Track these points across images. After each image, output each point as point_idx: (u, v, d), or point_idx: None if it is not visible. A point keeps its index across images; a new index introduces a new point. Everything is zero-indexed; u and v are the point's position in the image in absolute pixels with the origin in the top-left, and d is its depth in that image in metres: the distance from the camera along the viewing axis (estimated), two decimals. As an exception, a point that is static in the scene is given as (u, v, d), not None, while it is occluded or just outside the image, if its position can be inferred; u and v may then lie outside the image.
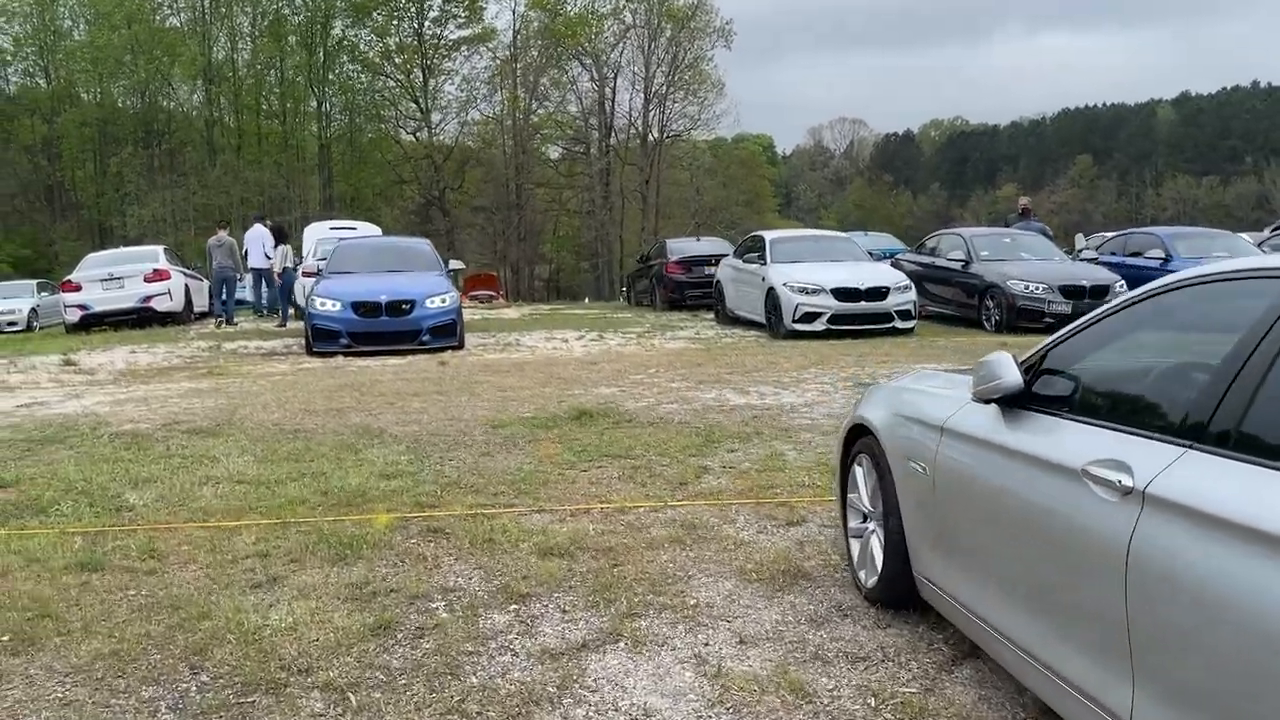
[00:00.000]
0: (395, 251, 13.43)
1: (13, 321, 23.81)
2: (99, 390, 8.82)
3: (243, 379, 9.40)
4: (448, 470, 5.56)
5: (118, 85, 64.59)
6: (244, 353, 12.14)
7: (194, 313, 17.41)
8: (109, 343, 13.31)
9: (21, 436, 6.47)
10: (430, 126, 62.93)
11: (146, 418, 7.14)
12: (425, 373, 9.47)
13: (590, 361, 10.15)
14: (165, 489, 5.14)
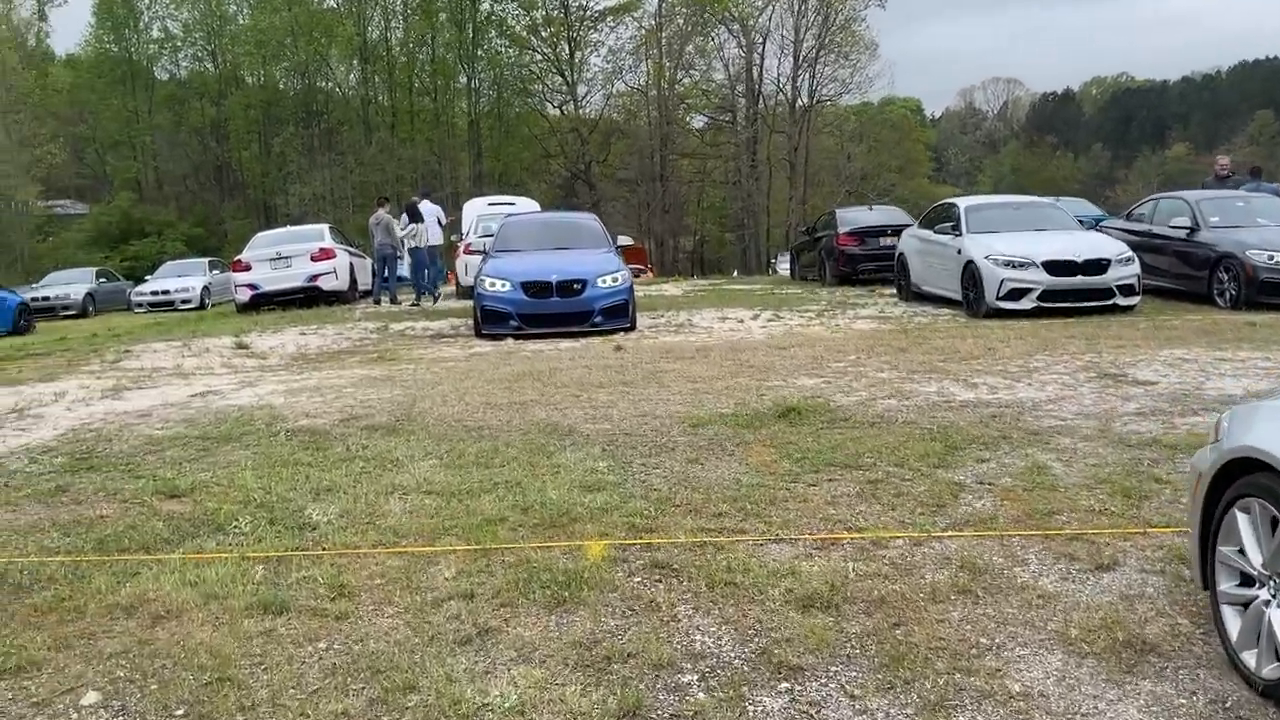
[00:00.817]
0: (563, 227, 12.86)
1: (187, 299, 24.59)
2: (272, 377, 8.52)
3: (415, 365, 8.96)
4: (655, 481, 4.84)
5: (279, 67, 66.88)
6: (412, 335, 11.81)
7: (358, 291, 17.39)
8: (279, 324, 13.25)
9: (197, 433, 6.10)
10: (576, 100, 62.87)
11: (322, 411, 6.70)
12: (603, 358, 8.82)
13: (778, 346, 9.30)
14: (349, 501, 4.60)
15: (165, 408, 7.07)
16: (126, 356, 10.43)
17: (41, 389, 8.25)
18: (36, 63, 73.74)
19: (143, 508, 4.58)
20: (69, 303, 25.29)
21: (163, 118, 68.42)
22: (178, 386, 8.15)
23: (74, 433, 6.31)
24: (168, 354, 10.51)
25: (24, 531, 4.27)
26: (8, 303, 18.21)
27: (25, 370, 9.68)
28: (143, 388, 8.14)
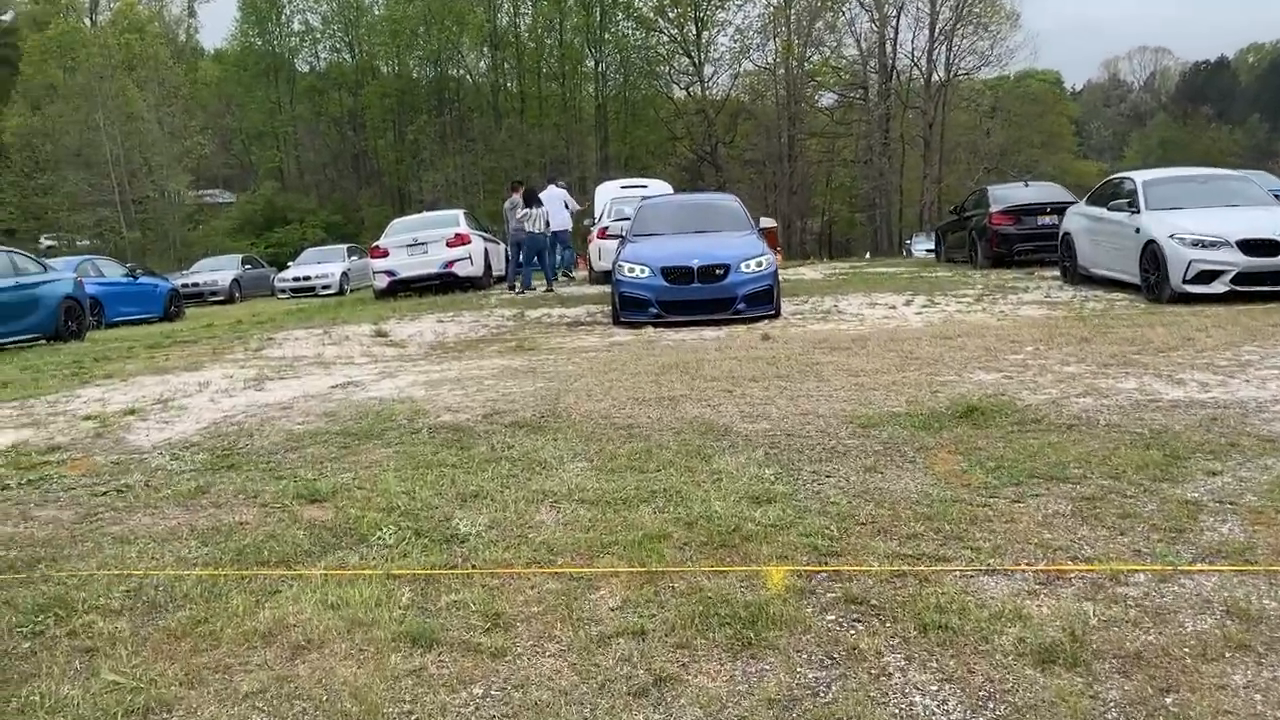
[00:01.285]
0: (703, 210, 12.34)
1: (327, 285, 25.12)
2: (412, 368, 8.29)
3: (555, 355, 8.61)
4: (830, 493, 4.31)
5: (413, 56, 68.33)
6: (548, 322, 11.52)
7: (493, 277, 17.29)
8: (416, 311, 13.17)
9: (337, 429, 5.85)
10: (703, 80, 62.17)
11: (464, 405, 6.39)
12: (752, 349, 8.29)
13: (942, 335, 8.59)
14: (498, 510, 4.22)
15: (306, 400, 6.88)
16: (269, 345, 10.44)
17: (187, 379, 8.22)
18: (186, 58, 77.36)
19: (283, 513, 4.31)
20: (217, 289, 26.19)
21: (303, 108, 70.83)
22: (319, 377, 7.99)
23: (216, 426, 6.15)
24: (309, 342, 10.47)
25: (162, 539, 4.03)
26: (159, 289, 18.84)
27: (172, 358, 9.76)
28: (284, 378, 8.02)
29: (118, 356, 10.22)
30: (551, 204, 16.68)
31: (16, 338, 12.07)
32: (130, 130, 50.95)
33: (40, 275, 12.89)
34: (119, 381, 8.32)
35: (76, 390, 7.96)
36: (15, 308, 12.03)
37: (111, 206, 49.64)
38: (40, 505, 4.62)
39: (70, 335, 12.94)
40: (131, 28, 67.61)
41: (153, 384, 8.06)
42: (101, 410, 6.93)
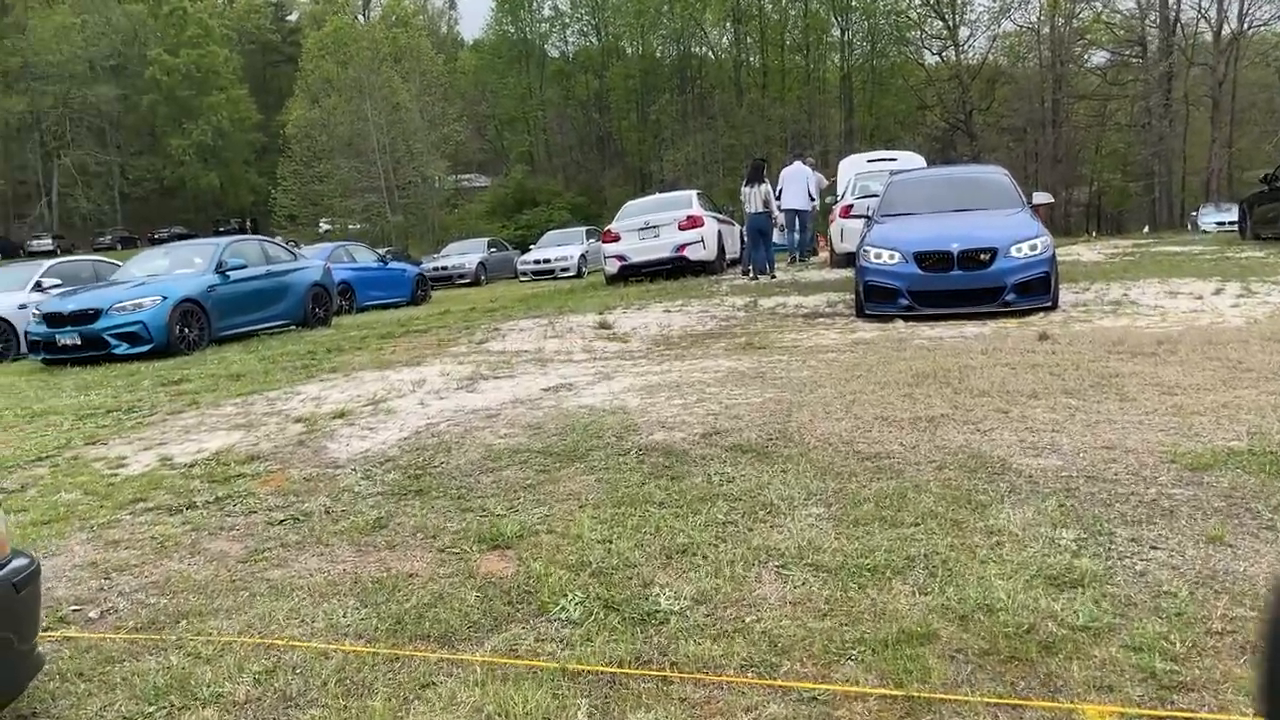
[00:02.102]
0: (964, 185, 10.87)
1: (566, 268, 25.20)
2: (630, 368, 7.58)
3: (788, 356, 7.65)
4: (1161, 575, 3.15)
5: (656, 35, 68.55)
6: (783, 313, 10.53)
7: (725, 261, 16.46)
8: (644, 298, 12.56)
9: (539, 446, 5.18)
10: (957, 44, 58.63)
11: (681, 419, 5.57)
12: (1027, 352, 6.98)
13: (1276, 338, 6.92)
14: (709, 575, 3.36)
15: (515, 406, 6.30)
16: (493, 337, 10.09)
17: (405, 375, 7.91)
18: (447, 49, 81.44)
19: (459, 563, 3.64)
20: (464, 272, 26.92)
21: (552, 93, 72.84)
22: (533, 377, 7.43)
23: (417, 437, 5.65)
24: (532, 334, 10.04)
25: (320, 594, 3.45)
26: (407, 274, 19.35)
27: (398, 351, 9.57)
28: (498, 377, 7.52)
29: (349, 347, 10.18)
30: (792, 181, 15.63)
31: (268, 324, 12.45)
32: (394, 120, 53.97)
33: (290, 264, 13.28)
34: (341, 378, 8.12)
35: (299, 386, 7.81)
36: (267, 295, 12.41)
37: (378, 192, 52.81)
38: (214, 534, 4.20)
39: (317, 322, 13.27)
40: (399, 22, 71.96)
41: (371, 380, 7.78)
42: (314, 412, 6.64)
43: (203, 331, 11.21)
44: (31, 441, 6.43)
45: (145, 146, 77.85)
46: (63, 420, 7.17)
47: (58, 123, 72.43)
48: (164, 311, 10.68)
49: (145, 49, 74.06)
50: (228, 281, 11.75)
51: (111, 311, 10.58)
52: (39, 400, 8.31)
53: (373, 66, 54.28)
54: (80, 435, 6.51)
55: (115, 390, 8.48)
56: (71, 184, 73.26)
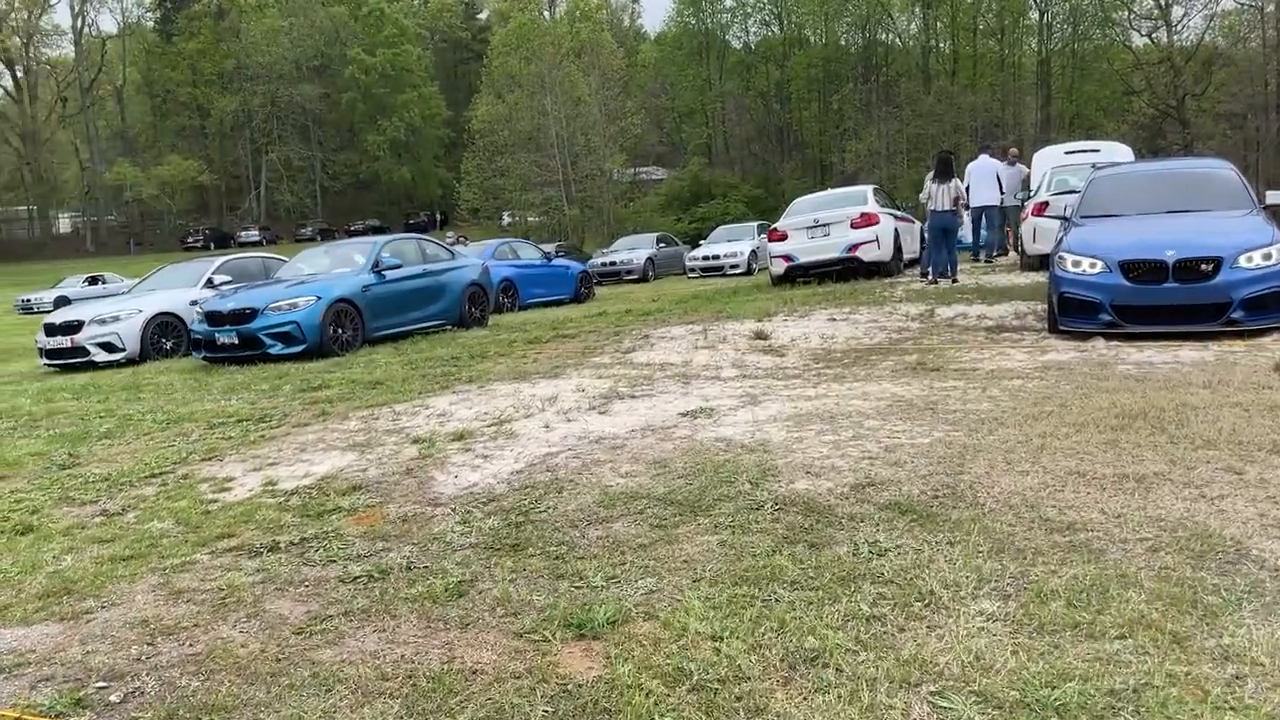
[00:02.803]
0: (1181, 181, 9.41)
1: (735, 265, 24.44)
2: (781, 390, 6.80)
3: (965, 381, 6.67)
4: None
5: (841, 23, 66.70)
6: (963, 325, 9.45)
7: (902, 262, 15.29)
8: (809, 302, 11.69)
9: (661, 492, 4.50)
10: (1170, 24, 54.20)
11: (830, 464, 4.77)
12: (1263, 387, 5.77)
13: None
14: (841, 701, 2.60)
15: (644, 435, 5.64)
16: (641, 345, 9.49)
17: (539, 390, 7.40)
18: (628, 42, 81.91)
19: (535, 656, 3.01)
20: (631, 268, 26.57)
21: (731, 84, 72.09)
22: (673, 397, 6.76)
23: (531, 471, 5.08)
24: (682, 344, 9.37)
25: (363, 692, 2.89)
26: (570, 272, 19.07)
27: (540, 360, 9.11)
28: (635, 396, 6.89)
29: (494, 353, 9.81)
30: (980, 176, 14.34)
31: (423, 325, 12.29)
32: (574, 114, 54.49)
33: (447, 263, 13.11)
34: (475, 390, 7.70)
35: (430, 399, 7.43)
36: (422, 295, 12.25)
37: (556, 186, 53.47)
38: (283, 589, 3.74)
39: (473, 322, 13.05)
40: (582, 17, 72.86)
41: (503, 395, 7.31)
42: (435, 431, 6.21)
43: (356, 332, 11.12)
44: (155, 454, 6.25)
45: (344, 142, 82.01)
46: (193, 429, 7.02)
47: (266, 120, 77.21)
48: (318, 312, 10.62)
49: (345, 49, 77.89)
50: (383, 281, 11.64)
51: (267, 311, 10.61)
52: (183, 403, 8.28)
53: (554, 62, 54.97)
54: (202, 448, 6.30)
55: (255, 395, 8.36)
56: (278, 178, 78.01)
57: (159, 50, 79.20)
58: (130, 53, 79.68)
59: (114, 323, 12.21)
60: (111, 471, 5.83)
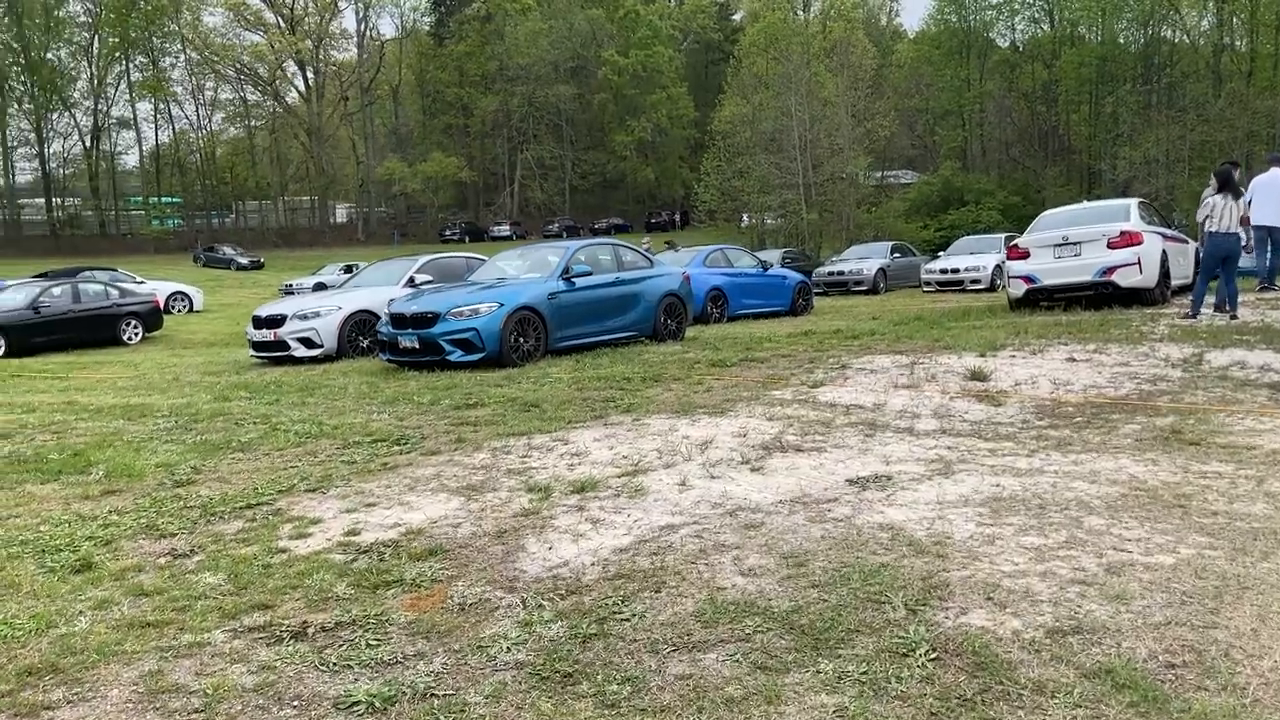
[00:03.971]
0: None
1: (976, 280, 22.43)
2: (985, 455, 5.46)
3: (1234, 464, 5.08)
4: None
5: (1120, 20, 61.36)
6: (1239, 378, 7.55)
7: (1169, 289, 13.07)
8: (1045, 334, 10.01)
9: (784, 606, 3.42)
10: None
11: (1024, 589, 3.51)
12: None
13: None
14: None
15: (793, 511, 4.55)
16: (835, 378, 8.29)
17: (697, 428, 6.43)
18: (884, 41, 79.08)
19: None
20: (860, 278, 25.00)
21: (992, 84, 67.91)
22: (847, 455, 5.60)
23: (637, 551, 4.13)
24: (881, 379, 8.09)
25: None
26: (788, 282, 17.89)
27: (716, 389, 8.10)
28: (803, 450, 5.77)
29: (670, 375, 8.90)
30: (1268, 191, 12.03)
31: (613, 336, 11.58)
32: (819, 115, 52.88)
33: (643, 271, 12.32)
34: (629, 422, 6.82)
35: (575, 431, 6.61)
36: (613, 305, 11.54)
37: (795, 188, 52.09)
38: (278, 702, 2.97)
39: (668, 335, 12.22)
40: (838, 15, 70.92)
41: (656, 433, 6.39)
42: (559, 477, 5.37)
43: (539, 342, 10.54)
44: (269, 478, 5.79)
45: (593, 142, 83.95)
46: (326, 448, 6.55)
47: (523, 120, 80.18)
48: (498, 319, 10.11)
49: (600, 51, 79.60)
50: (572, 289, 11.00)
51: (448, 316, 10.20)
52: (338, 414, 7.91)
53: (802, 61, 53.54)
54: (318, 475, 5.77)
55: (410, 410, 7.87)
56: (530, 176, 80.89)
57: (431, 53, 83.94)
58: (406, 55, 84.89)
59: (314, 319, 12.29)
60: (215, 496, 5.38)
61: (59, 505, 5.40)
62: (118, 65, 70.86)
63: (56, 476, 6.08)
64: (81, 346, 18.77)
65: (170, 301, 27.45)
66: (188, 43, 73.39)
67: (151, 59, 72.17)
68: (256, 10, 76.09)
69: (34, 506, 5.40)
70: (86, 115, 70.81)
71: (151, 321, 20.62)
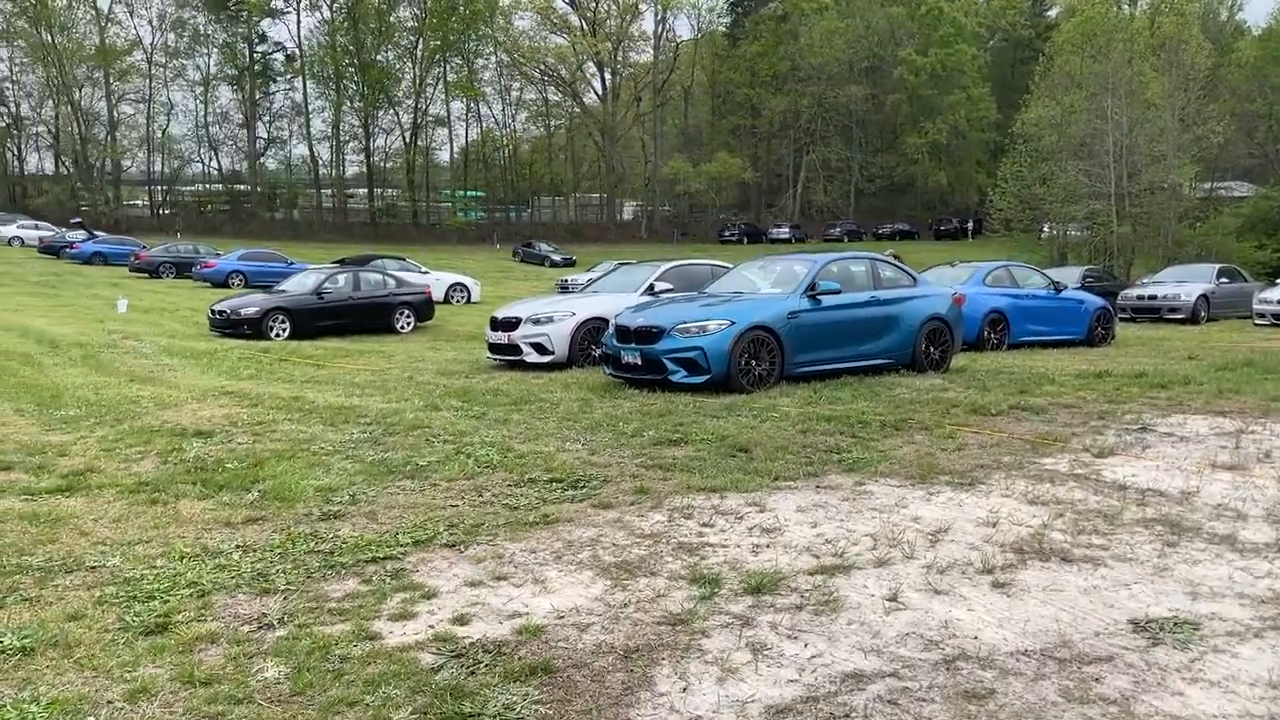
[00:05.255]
0: None
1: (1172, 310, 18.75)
2: None
3: None
4: None
5: None
6: None
7: None
8: None
9: None
10: None
11: None
12: None
13: None
14: None
15: (1040, 671, 3.17)
16: (1128, 444, 6.54)
17: (932, 506, 5.06)
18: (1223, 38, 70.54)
19: None
20: (1176, 305, 21.75)
21: (1357, 85, 58.79)
22: (1134, 573, 4.06)
23: (805, 712, 2.93)
24: (1194, 451, 6.27)
25: None
26: (1085, 307, 15.53)
27: (969, 445, 6.58)
28: (1069, 559, 4.26)
29: (916, 421, 7.45)
30: None
31: (864, 362, 10.19)
32: (1139, 119, 47.72)
33: (905, 290, 10.77)
34: (848, 487, 5.53)
35: (780, 492, 5.43)
36: (863, 328, 10.13)
37: (1105, 199, 47.36)
38: None
39: (930, 365, 10.64)
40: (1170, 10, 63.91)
41: (877, 506, 5.08)
42: (734, 563, 4.24)
43: (773, 365, 9.36)
44: (418, 519, 5.06)
45: (883, 144, 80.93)
46: (496, 484, 5.76)
47: (811, 121, 78.56)
48: (727, 339, 9.04)
49: (897, 49, 76.49)
50: (816, 308, 9.73)
51: (674, 333, 9.25)
52: (531, 438, 7.14)
53: (1124, 60, 48.41)
54: (468, 523, 4.96)
55: (607, 440, 6.96)
56: (815, 178, 79.18)
57: (724, 53, 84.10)
58: (700, 56, 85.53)
59: (546, 324, 11.76)
60: (349, 541, 4.69)
61: (194, 532, 4.92)
62: (436, 67, 76.09)
63: (217, 492, 5.67)
64: (358, 332, 19.58)
65: (450, 292, 28.52)
66: (499, 45, 77.67)
67: (466, 61, 76.96)
68: (562, 14, 79.32)
69: (169, 531, 4.94)
70: (407, 113, 76.63)
71: (424, 311, 21.25)
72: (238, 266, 32.45)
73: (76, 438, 7.40)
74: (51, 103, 69.28)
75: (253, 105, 74.29)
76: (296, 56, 74.01)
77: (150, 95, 71.57)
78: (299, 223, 72.22)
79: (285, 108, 77.21)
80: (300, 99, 75.29)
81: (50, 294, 27.68)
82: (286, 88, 77.24)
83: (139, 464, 6.47)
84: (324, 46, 72.82)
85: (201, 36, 72.72)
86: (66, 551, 4.60)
